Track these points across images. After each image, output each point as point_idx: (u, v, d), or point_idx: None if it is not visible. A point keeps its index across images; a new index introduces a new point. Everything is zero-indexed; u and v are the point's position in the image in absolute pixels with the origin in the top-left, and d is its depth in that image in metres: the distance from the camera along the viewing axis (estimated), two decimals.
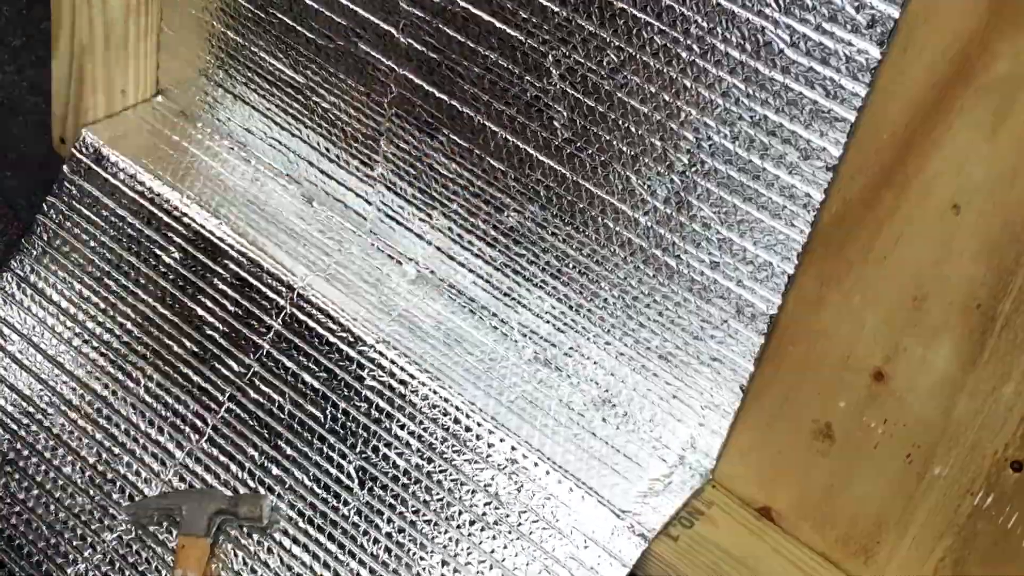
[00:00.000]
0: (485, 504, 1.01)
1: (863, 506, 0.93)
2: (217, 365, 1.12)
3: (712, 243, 0.93)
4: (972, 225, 0.80)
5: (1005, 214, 0.79)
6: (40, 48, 1.17)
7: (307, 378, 1.09)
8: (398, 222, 1.12)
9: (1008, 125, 0.77)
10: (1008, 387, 0.83)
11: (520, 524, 1.00)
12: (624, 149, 0.94)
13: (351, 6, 1.04)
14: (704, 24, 0.86)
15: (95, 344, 1.15)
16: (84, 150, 1.19)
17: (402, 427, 1.05)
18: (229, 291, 1.13)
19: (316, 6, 1.06)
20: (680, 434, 1.01)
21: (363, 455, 1.05)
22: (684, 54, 0.88)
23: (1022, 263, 0.79)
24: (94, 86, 1.17)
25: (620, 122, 0.93)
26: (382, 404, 1.06)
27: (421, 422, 1.05)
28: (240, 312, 1.12)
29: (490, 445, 1.02)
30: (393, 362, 1.06)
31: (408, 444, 1.05)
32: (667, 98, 0.90)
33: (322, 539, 1.04)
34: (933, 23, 0.77)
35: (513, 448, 1.02)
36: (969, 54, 0.77)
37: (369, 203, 1.13)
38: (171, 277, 1.15)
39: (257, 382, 1.10)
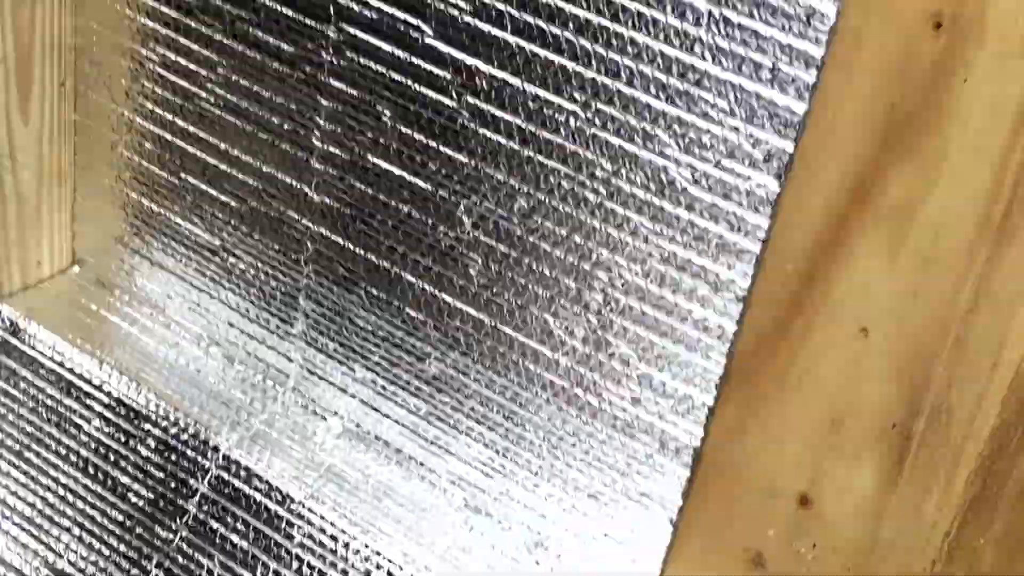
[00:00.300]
0: None
1: None
2: (143, 532, 1.10)
3: (632, 379, 0.94)
4: (881, 347, 0.82)
5: (912, 334, 0.81)
6: None
7: (236, 540, 1.07)
8: (320, 377, 1.12)
9: (906, 248, 0.80)
10: (929, 503, 0.84)
11: None
12: (540, 292, 0.95)
13: (263, 168, 1.06)
14: (609, 167, 0.88)
15: (15, 520, 1.13)
16: (0, 323, 1.18)
17: None
18: (153, 456, 1.12)
19: (229, 169, 1.08)
20: (614, 572, 1.01)
21: None
22: (591, 196, 0.90)
23: (932, 380, 0.81)
24: (8, 259, 1.17)
25: (534, 265, 0.95)
26: (313, 561, 1.05)
27: None
28: (165, 477, 1.11)
29: None
30: (323, 517, 1.05)
31: None
32: (578, 240, 0.92)
33: None
34: (829, 152, 0.80)
35: None
36: (864, 181, 0.80)
37: (290, 360, 1.13)
38: (93, 447, 1.14)
39: (185, 547, 1.09)
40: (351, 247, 1.04)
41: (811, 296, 0.84)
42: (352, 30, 0.96)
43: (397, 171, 0.98)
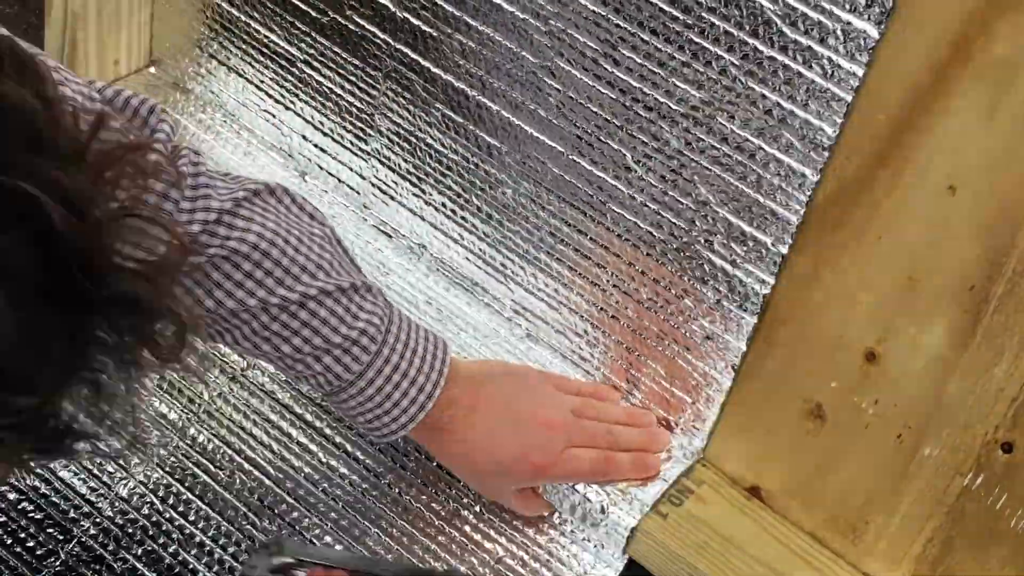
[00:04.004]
0: None
1: (852, 486, 0.94)
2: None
3: (707, 221, 0.92)
4: (968, 206, 0.80)
5: (1001, 195, 0.79)
6: (32, 16, 1.16)
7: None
8: (392, 197, 1.11)
9: (1005, 107, 0.77)
10: (999, 368, 0.83)
11: None
12: (619, 123, 0.93)
13: None
14: (704, 1, 0.86)
15: None
16: None
17: None
18: None
19: None
20: (671, 412, 1.01)
21: None
22: (682, 31, 0.87)
23: (1016, 245, 0.79)
24: (87, 56, 1.16)
25: (615, 97, 0.93)
26: None
27: None
28: None
29: None
30: None
31: None
32: (663, 74, 0.90)
33: None
34: (933, 3, 0.77)
35: None
36: (968, 35, 0.77)
37: (363, 177, 1.13)
38: None
39: None
40: (430, 67, 1.02)
41: (900, 149, 0.81)
42: None
43: None
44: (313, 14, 1.07)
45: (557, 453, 0.94)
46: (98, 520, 1.02)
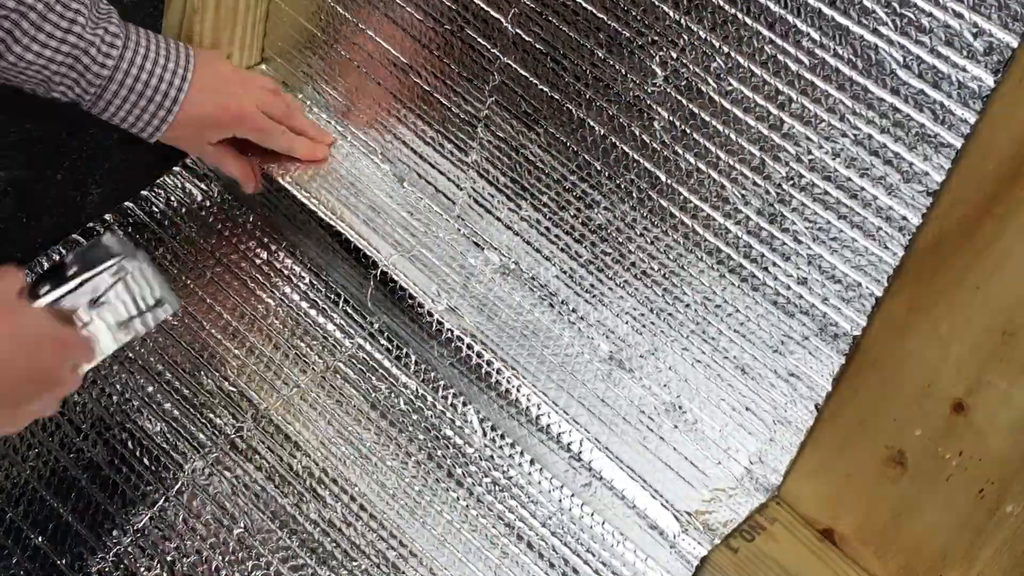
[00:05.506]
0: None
1: (929, 537, 0.92)
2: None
3: (802, 258, 0.92)
4: None
5: None
6: (150, 5, 1.18)
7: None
8: (487, 210, 1.12)
9: None
10: None
11: (582, 517, 1.01)
12: (722, 156, 0.93)
13: None
14: (816, 37, 0.86)
15: None
16: None
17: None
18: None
19: None
20: (749, 447, 1.01)
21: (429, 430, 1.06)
22: (793, 66, 0.87)
23: None
24: (201, 48, 1.18)
25: (721, 129, 0.93)
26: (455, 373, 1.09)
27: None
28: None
29: (559, 436, 1.03)
30: (470, 346, 1.07)
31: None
32: (771, 108, 0.89)
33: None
34: None
35: (582, 443, 1.02)
36: None
37: (460, 188, 1.14)
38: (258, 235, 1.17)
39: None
40: (537, 83, 1.03)
41: (1007, 200, 0.80)
42: None
43: (598, 12, 0.96)
44: (426, 23, 1.09)
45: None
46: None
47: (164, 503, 1.03)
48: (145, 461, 1.05)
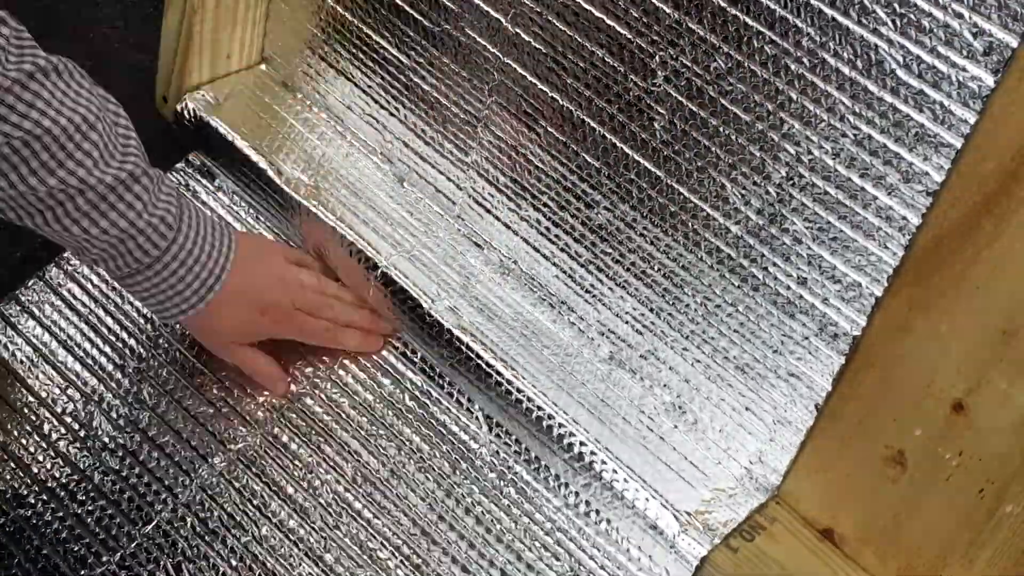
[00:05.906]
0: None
1: (929, 537, 0.92)
2: None
3: (802, 258, 0.92)
4: None
5: None
6: (149, 5, 1.18)
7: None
8: (487, 210, 1.12)
9: None
10: None
11: (582, 517, 1.00)
12: (722, 156, 0.93)
13: None
14: (817, 38, 0.86)
15: None
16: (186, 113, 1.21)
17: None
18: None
19: None
20: (749, 447, 1.01)
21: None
22: (793, 66, 0.87)
23: None
24: (201, 48, 1.18)
25: (721, 128, 0.93)
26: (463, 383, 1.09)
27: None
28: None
29: (559, 436, 1.03)
30: (470, 347, 1.07)
31: None
32: (771, 108, 0.90)
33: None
34: None
35: (582, 444, 1.02)
36: None
37: (460, 188, 1.14)
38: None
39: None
40: (537, 83, 1.03)
41: (1007, 200, 0.80)
42: None
43: (597, 12, 0.96)
44: (426, 23, 1.09)
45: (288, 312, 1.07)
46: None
47: (171, 510, 1.03)
48: (152, 468, 1.05)
